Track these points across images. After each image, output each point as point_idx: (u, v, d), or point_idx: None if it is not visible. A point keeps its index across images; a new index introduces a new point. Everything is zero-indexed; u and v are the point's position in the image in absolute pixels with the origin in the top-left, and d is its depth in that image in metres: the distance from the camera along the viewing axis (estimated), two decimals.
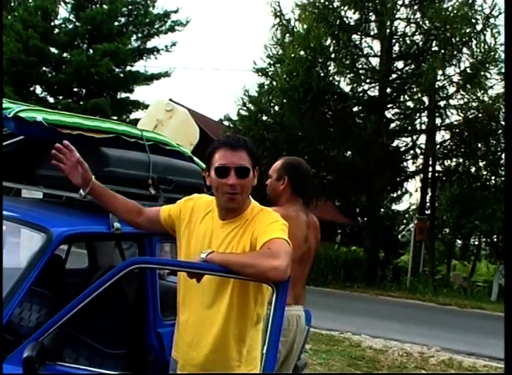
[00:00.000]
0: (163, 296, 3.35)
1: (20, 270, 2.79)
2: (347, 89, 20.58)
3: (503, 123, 17.81)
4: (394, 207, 30.69)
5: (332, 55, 19.72)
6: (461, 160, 21.18)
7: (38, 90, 24.60)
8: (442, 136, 21.74)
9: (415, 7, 19.88)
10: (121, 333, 3.54)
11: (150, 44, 26.31)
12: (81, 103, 23.02)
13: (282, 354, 3.75)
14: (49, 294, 3.61)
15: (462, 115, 19.78)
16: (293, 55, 18.73)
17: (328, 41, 19.70)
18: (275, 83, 20.25)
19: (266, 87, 21.32)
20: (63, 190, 3.43)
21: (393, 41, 20.17)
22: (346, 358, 8.08)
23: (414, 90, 20.07)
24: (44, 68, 23.72)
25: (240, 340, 2.64)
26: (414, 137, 21.62)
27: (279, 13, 20.40)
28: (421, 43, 19.90)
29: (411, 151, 21.94)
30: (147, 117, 5.06)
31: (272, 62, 20.73)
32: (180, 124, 4.92)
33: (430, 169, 22.34)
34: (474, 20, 18.98)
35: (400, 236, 29.78)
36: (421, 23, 19.80)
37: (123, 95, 25.30)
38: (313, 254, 3.99)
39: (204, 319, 2.63)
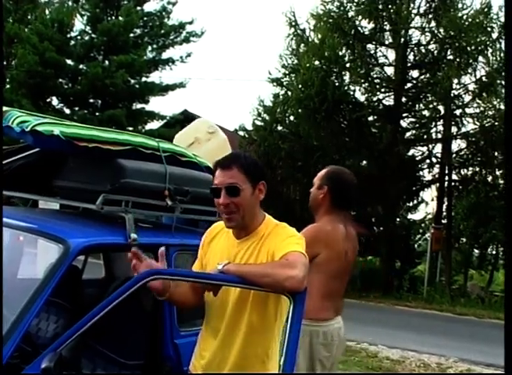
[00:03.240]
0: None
1: (38, 281, 2.80)
2: (362, 98, 20.56)
3: None
4: (410, 216, 30.38)
5: (347, 65, 19.72)
6: (478, 169, 21.01)
7: (55, 101, 24.79)
8: (458, 145, 21.63)
9: (430, 16, 19.83)
10: (138, 343, 3.55)
11: (165, 55, 26.42)
12: (97, 114, 23.15)
13: (327, 368, 3.66)
14: (66, 305, 3.62)
15: (478, 123, 19.66)
16: (308, 64, 18.74)
17: (343, 51, 19.69)
18: (290, 93, 20.25)
19: (281, 97, 21.30)
20: (80, 201, 3.46)
21: (408, 49, 20.11)
22: (363, 368, 8.04)
23: (430, 99, 20.00)
24: (60, 80, 23.90)
25: (264, 356, 2.62)
26: (430, 146, 21.51)
27: (293, 23, 20.43)
28: (436, 52, 19.84)
29: (427, 160, 21.82)
30: (186, 133, 4.98)
31: (286, 72, 20.75)
32: (216, 148, 4.85)
33: (446, 178, 22.21)
34: (489, 28, 18.89)
35: (416, 245, 29.54)
36: (435, 31, 19.74)
37: (139, 106, 25.41)
38: (350, 267, 3.87)
39: (225, 338, 2.61)
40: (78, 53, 23.70)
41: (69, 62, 23.90)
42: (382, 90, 20.68)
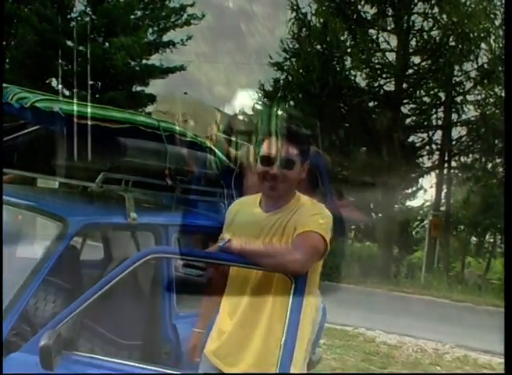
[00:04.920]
0: (179, 288, 3.32)
1: (36, 260, 2.77)
2: (363, 84, 20.50)
3: None
4: (408, 203, 30.48)
5: (349, 50, 19.63)
6: (478, 156, 21.01)
7: (54, 83, 24.66)
8: (458, 132, 21.59)
9: (433, 1, 19.67)
10: (136, 324, 3.53)
11: (165, 38, 26.30)
12: (97, 96, 23.04)
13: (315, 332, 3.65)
14: (64, 285, 3.59)
15: (479, 111, 19.63)
16: (309, 49, 18.68)
17: (345, 36, 19.62)
18: (290, 77, 20.18)
19: (282, 81, 21.23)
20: (79, 179, 3.42)
21: (410, 35, 20.01)
22: (361, 353, 8.05)
23: (431, 85, 19.93)
24: (60, 61, 23.75)
25: None
26: (430, 133, 21.47)
27: (295, 7, 20.30)
28: (438, 38, 19.73)
29: (427, 147, 21.79)
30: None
31: (287, 56, 20.65)
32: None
33: (446, 165, 22.20)
34: (492, 15, 18.79)
35: (414, 232, 29.61)
36: (438, 17, 19.62)
37: (139, 89, 25.31)
38: None
39: (246, 317, 2.58)
40: (78, 34, 23.54)
41: (68, 43, 23.75)
42: (383, 76, 20.59)
